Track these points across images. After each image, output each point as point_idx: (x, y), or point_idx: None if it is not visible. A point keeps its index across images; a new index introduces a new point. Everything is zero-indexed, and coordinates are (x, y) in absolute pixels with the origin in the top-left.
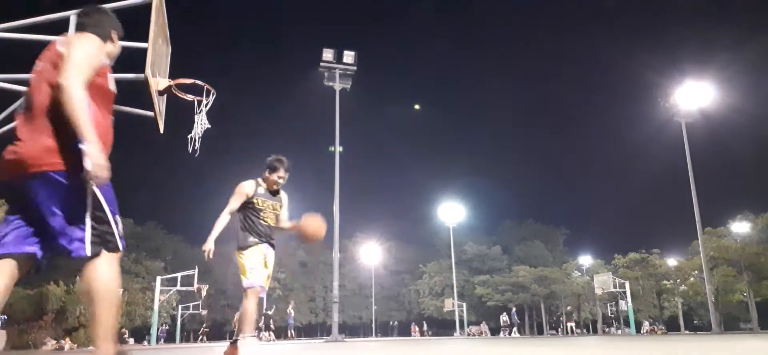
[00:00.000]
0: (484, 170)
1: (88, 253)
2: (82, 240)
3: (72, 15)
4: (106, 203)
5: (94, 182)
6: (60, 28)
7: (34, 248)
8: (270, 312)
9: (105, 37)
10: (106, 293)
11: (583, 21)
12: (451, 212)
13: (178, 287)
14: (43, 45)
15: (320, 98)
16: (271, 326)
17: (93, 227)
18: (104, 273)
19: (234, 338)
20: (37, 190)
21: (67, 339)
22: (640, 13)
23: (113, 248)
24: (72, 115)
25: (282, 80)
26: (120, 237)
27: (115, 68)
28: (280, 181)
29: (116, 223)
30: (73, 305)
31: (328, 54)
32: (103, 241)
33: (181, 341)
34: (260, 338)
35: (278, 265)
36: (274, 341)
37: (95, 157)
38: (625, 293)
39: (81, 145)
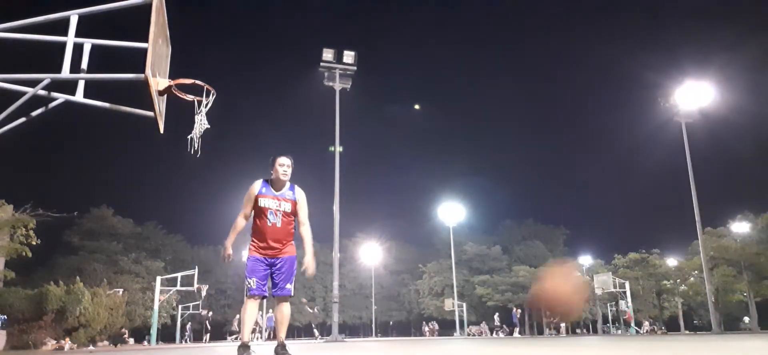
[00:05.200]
0: (484, 170)
1: (291, 293)
2: (290, 287)
3: (72, 15)
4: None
5: (310, 268)
6: (60, 28)
7: (274, 291)
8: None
9: None
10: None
11: (583, 21)
12: (451, 212)
13: (178, 287)
14: (43, 45)
15: (320, 98)
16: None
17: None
18: (289, 305)
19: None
20: (285, 261)
21: (67, 339)
22: (640, 13)
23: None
24: (308, 237)
25: (282, 80)
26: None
27: (116, 68)
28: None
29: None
30: (73, 305)
31: (328, 54)
32: (293, 288)
33: (181, 341)
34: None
35: None
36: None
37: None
38: (625, 293)
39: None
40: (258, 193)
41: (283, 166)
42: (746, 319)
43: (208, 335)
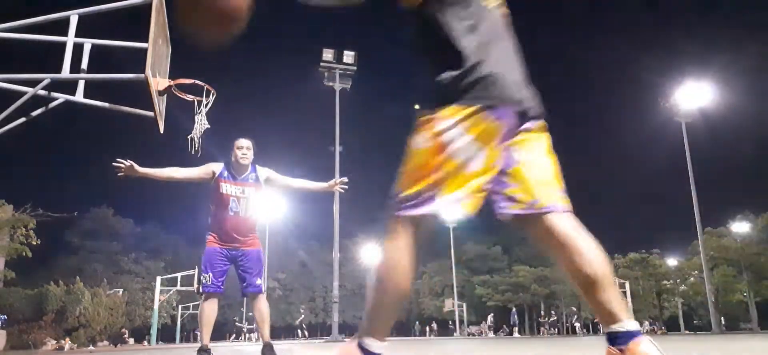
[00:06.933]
0: None
1: (263, 290)
2: (260, 282)
3: (72, 15)
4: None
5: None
6: (60, 28)
7: (243, 289)
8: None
9: None
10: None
11: (583, 21)
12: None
13: (178, 287)
14: (43, 45)
15: (320, 98)
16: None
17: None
18: (265, 301)
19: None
20: (250, 255)
21: (67, 339)
22: (640, 13)
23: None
24: (304, 182)
25: (282, 80)
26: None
27: (116, 68)
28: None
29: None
30: (73, 305)
31: (328, 54)
32: (263, 283)
33: (181, 341)
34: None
35: (278, 265)
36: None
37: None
38: (625, 293)
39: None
40: (219, 176)
41: (242, 148)
42: (722, 320)
43: (234, 336)
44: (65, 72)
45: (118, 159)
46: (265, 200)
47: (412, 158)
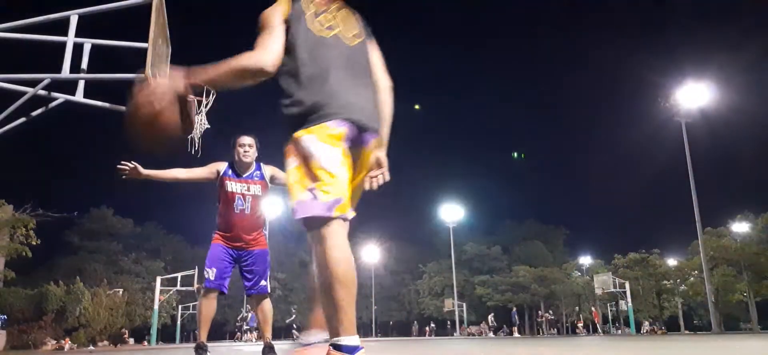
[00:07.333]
0: (484, 170)
1: (268, 290)
2: (266, 283)
3: (72, 15)
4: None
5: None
6: (60, 28)
7: (248, 291)
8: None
9: None
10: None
11: (583, 21)
12: (451, 212)
13: (178, 287)
14: (43, 45)
15: None
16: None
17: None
18: (269, 302)
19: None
20: (256, 256)
21: (67, 339)
22: (640, 14)
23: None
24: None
25: None
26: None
27: (116, 68)
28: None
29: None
30: (73, 305)
31: None
32: (269, 284)
33: (181, 341)
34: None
35: (278, 265)
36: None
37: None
38: (625, 293)
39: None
40: (224, 174)
41: (244, 146)
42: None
43: (238, 334)
44: (65, 72)
45: (123, 161)
46: (269, 198)
47: (290, 177)
